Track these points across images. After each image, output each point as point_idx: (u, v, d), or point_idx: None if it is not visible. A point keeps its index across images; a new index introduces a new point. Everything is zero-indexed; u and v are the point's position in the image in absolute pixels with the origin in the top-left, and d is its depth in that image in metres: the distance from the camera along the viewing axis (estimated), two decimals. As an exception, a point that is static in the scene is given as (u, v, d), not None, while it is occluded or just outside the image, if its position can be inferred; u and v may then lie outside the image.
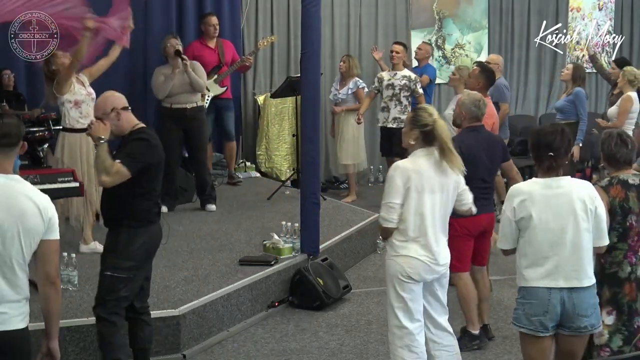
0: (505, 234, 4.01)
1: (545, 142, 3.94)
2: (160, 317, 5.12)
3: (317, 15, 6.28)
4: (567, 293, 3.86)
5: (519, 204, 3.91)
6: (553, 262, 3.87)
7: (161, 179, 4.59)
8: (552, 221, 3.87)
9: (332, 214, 7.89)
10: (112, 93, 4.63)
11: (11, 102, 8.30)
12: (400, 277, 4.30)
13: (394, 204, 4.29)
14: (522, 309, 3.93)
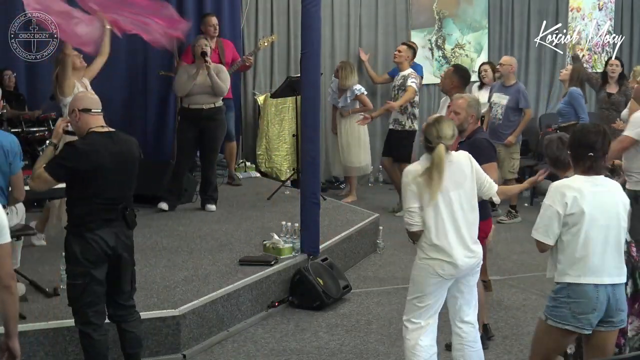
0: (551, 228, 3.95)
1: (587, 143, 3.97)
2: (160, 317, 5.12)
3: (317, 15, 6.28)
4: (611, 289, 3.92)
5: (571, 200, 3.90)
6: (599, 259, 3.91)
7: (110, 187, 4.39)
8: (601, 218, 3.92)
9: (332, 214, 7.89)
10: (81, 94, 4.65)
11: (11, 102, 8.31)
12: (429, 277, 4.36)
13: (413, 208, 4.35)
14: (568, 308, 3.93)
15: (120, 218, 4.44)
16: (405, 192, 4.39)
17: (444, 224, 4.34)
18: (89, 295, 4.39)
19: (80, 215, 4.39)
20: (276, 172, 9.91)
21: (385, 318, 5.97)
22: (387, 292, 6.57)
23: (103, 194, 4.38)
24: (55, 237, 6.74)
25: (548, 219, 3.96)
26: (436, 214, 4.33)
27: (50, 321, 4.93)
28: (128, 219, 4.47)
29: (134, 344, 4.62)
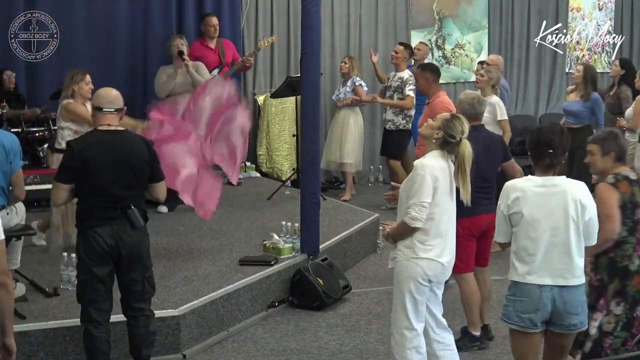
0: (500, 227, 4.06)
1: (545, 141, 3.97)
2: (160, 317, 5.11)
3: (317, 15, 6.28)
4: (557, 291, 3.90)
5: (512, 200, 3.95)
6: (542, 260, 3.90)
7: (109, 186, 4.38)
8: (544, 220, 3.90)
9: (332, 214, 7.89)
10: (101, 91, 4.64)
11: (11, 102, 8.31)
12: (419, 279, 4.29)
13: (426, 202, 4.23)
14: (513, 306, 3.96)
15: (122, 217, 4.41)
16: (420, 185, 4.23)
17: (447, 226, 4.32)
18: (90, 292, 4.42)
19: (82, 213, 4.46)
20: (277, 172, 9.92)
21: (385, 318, 5.96)
22: (387, 292, 6.55)
23: (101, 191, 4.38)
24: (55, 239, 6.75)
25: (497, 219, 4.06)
26: (442, 214, 4.29)
27: (50, 321, 4.93)
28: (131, 217, 4.42)
29: (137, 346, 4.61)
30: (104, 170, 4.38)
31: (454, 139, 4.29)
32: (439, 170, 4.27)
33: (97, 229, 4.38)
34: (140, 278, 4.53)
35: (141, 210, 4.51)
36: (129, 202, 4.43)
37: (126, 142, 4.50)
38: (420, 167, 4.29)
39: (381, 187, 10.49)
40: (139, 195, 4.55)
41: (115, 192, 4.40)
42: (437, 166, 4.28)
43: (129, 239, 4.43)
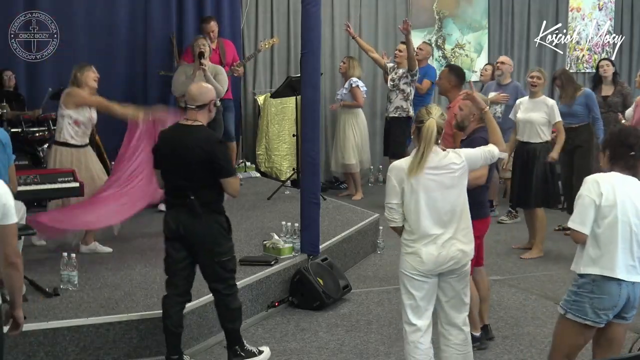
0: (587, 217, 3.93)
1: (628, 143, 3.99)
2: (160, 317, 5.11)
3: (317, 15, 6.28)
4: (631, 286, 3.94)
5: (606, 191, 3.92)
6: (626, 255, 3.91)
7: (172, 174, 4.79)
8: (631, 215, 3.92)
9: (332, 214, 7.89)
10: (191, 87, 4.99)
11: (11, 102, 8.31)
12: (409, 273, 4.36)
13: (392, 204, 4.36)
14: (590, 303, 3.93)
15: (183, 204, 4.73)
16: (387, 187, 4.38)
17: (426, 222, 4.30)
18: (165, 264, 4.91)
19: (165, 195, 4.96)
20: (276, 172, 9.93)
21: (385, 318, 5.97)
22: (387, 292, 6.57)
23: (167, 179, 4.85)
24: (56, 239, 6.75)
25: (584, 208, 3.95)
26: (417, 212, 4.29)
27: (50, 321, 4.93)
28: (190, 206, 4.72)
29: (221, 321, 4.99)
30: (166, 159, 4.82)
31: (422, 122, 4.32)
32: (405, 170, 4.29)
33: (168, 212, 4.87)
34: (208, 262, 4.84)
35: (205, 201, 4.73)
36: (190, 192, 4.70)
37: (189, 136, 4.76)
38: (389, 169, 4.40)
39: (381, 187, 10.47)
40: (203, 187, 4.74)
41: (177, 181, 4.77)
42: (405, 166, 4.30)
43: (189, 226, 4.75)
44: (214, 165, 4.71)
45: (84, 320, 4.97)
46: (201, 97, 4.83)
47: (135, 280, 5.82)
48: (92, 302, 5.33)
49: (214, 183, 4.76)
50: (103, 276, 5.88)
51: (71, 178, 5.98)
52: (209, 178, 4.74)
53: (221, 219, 4.85)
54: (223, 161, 4.76)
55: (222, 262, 4.84)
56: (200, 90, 4.87)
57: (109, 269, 6.05)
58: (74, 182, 5.95)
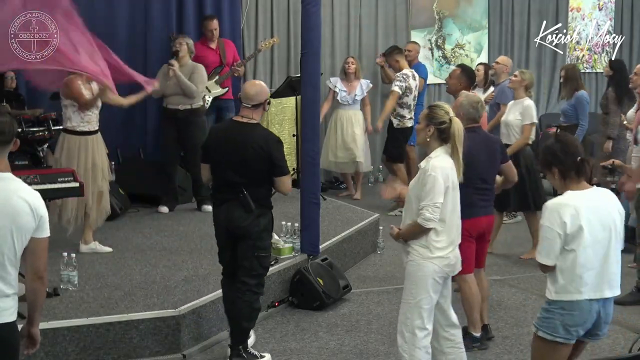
0: (552, 249, 3.81)
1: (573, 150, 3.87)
2: (160, 317, 5.12)
3: (317, 15, 6.29)
4: (602, 302, 3.89)
5: (569, 218, 3.77)
6: (599, 274, 3.85)
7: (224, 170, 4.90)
8: (600, 233, 3.83)
9: (332, 214, 7.89)
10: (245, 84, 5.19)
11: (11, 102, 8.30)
12: (437, 278, 4.35)
13: (439, 203, 4.31)
14: (561, 320, 3.86)
15: (235, 199, 4.86)
16: (433, 186, 4.29)
17: (456, 222, 4.41)
18: (219, 256, 5.13)
19: (213, 190, 5.12)
20: (276, 172, 9.92)
21: (385, 318, 5.96)
22: (387, 292, 6.57)
23: (218, 174, 4.96)
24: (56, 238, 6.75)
25: (548, 240, 3.83)
26: (454, 210, 4.38)
27: (50, 321, 4.93)
28: (242, 202, 4.85)
29: (237, 317, 5.01)
30: (218, 155, 4.92)
31: (445, 123, 4.37)
32: (449, 169, 4.35)
33: (217, 208, 4.98)
34: (249, 254, 4.93)
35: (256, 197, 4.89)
36: (242, 187, 4.83)
37: (244, 134, 4.88)
38: (432, 168, 4.34)
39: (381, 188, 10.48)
40: (255, 183, 4.90)
41: (229, 176, 4.88)
42: (447, 165, 4.35)
43: (239, 219, 4.88)
44: (271, 164, 4.88)
45: (84, 320, 4.98)
46: (257, 97, 4.94)
47: (135, 280, 5.82)
48: (92, 302, 5.33)
49: (267, 180, 4.95)
50: (103, 276, 5.88)
51: (71, 178, 5.97)
52: (264, 176, 4.91)
53: (269, 215, 5.04)
54: (279, 160, 4.95)
55: (261, 257, 4.98)
56: (256, 90, 4.97)
57: (109, 269, 6.06)
58: (74, 182, 5.94)
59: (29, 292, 3.45)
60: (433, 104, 4.59)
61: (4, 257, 3.30)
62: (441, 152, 4.40)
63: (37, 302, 3.47)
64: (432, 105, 4.59)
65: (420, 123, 4.50)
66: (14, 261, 3.35)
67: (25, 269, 3.43)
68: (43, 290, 3.50)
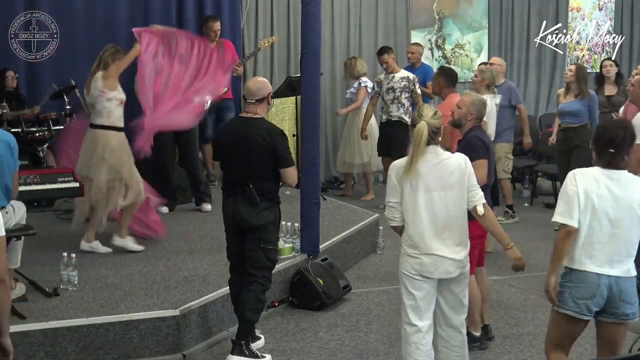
0: (573, 209, 3.93)
1: (608, 137, 3.99)
2: (160, 317, 5.12)
3: (317, 15, 6.29)
4: (614, 279, 3.94)
5: (586, 185, 3.93)
6: (606, 251, 3.93)
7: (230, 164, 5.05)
8: (611, 211, 3.92)
9: (332, 214, 7.89)
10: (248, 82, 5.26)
11: (11, 102, 8.31)
12: (408, 273, 4.37)
13: (392, 202, 4.39)
14: (569, 292, 3.98)
15: (241, 193, 4.98)
16: (387, 185, 4.42)
17: (422, 223, 4.32)
18: (227, 251, 5.22)
19: (222, 184, 5.22)
20: (276, 172, 9.93)
21: (385, 318, 5.97)
22: (387, 292, 6.57)
23: (227, 169, 5.13)
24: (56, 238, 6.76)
25: (568, 200, 3.96)
26: (414, 211, 4.32)
27: (50, 321, 4.93)
28: (247, 195, 4.96)
29: (243, 308, 5.04)
30: (227, 151, 5.07)
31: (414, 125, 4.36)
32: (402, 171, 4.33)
33: (226, 202, 5.10)
34: (255, 247, 5.03)
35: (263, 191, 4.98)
36: (248, 181, 4.95)
37: (248, 128, 4.99)
38: (390, 167, 4.45)
39: (381, 188, 10.46)
40: (261, 177, 4.98)
41: (236, 171, 5.01)
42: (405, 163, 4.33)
43: (245, 213, 4.98)
44: (274, 156, 4.96)
45: (84, 320, 4.98)
46: (259, 92, 5.07)
47: (135, 280, 5.82)
48: (92, 302, 5.33)
49: (273, 174, 5.02)
50: (103, 276, 5.88)
51: (71, 178, 5.97)
52: (269, 168, 4.99)
53: (276, 210, 5.10)
54: (283, 152, 5.01)
55: (267, 249, 5.06)
56: (258, 86, 5.12)
57: (109, 269, 6.05)
58: (74, 182, 5.94)
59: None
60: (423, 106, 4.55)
61: None
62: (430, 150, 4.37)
63: (2, 308, 3.19)
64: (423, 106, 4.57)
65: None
66: None
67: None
68: (6, 294, 3.21)
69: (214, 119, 8.87)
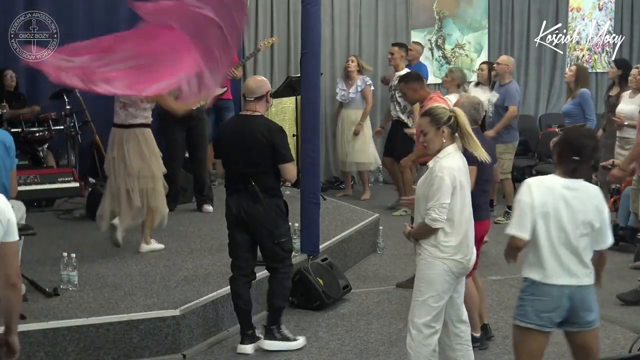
0: (525, 221, 3.90)
1: (578, 145, 3.94)
2: (160, 317, 5.12)
3: (317, 15, 6.29)
4: (576, 289, 3.91)
5: (540, 196, 3.89)
6: (565, 262, 3.89)
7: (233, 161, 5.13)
8: (567, 222, 3.88)
9: (332, 214, 7.89)
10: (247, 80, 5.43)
11: (11, 102, 8.31)
12: (446, 277, 4.37)
13: (446, 204, 4.31)
14: (531, 306, 3.93)
15: (245, 190, 5.07)
16: (440, 186, 4.30)
17: (467, 223, 4.39)
18: (229, 247, 5.30)
19: (225, 183, 5.35)
20: (276, 172, 9.93)
21: (385, 318, 5.97)
22: (387, 292, 6.57)
23: (229, 167, 5.20)
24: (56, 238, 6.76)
25: (521, 212, 3.92)
26: (462, 210, 4.36)
27: (50, 321, 4.93)
28: (251, 192, 5.05)
29: (271, 296, 5.30)
30: (228, 148, 5.17)
31: (451, 117, 4.37)
32: (456, 170, 4.34)
33: (229, 198, 5.19)
34: (268, 244, 5.19)
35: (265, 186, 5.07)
36: (251, 178, 5.05)
37: (249, 125, 5.10)
38: (439, 168, 4.34)
39: (381, 187, 10.49)
40: (262, 173, 5.09)
41: (239, 168, 5.11)
42: (455, 166, 4.35)
43: (250, 210, 5.09)
44: (274, 152, 5.06)
45: (84, 320, 4.98)
46: (258, 90, 5.19)
47: (135, 280, 5.82)
48: (92, 302, 5.33)
49: (273, 169, 5.12)
50: (103, 276, 5.88)
51: (71, 178, 5.98)
52: (269, 164, 5.09)
53: (280, 203, 5.22)
54: (282, 148, 5.12)
55: (281, 242, 5.21)
56: (257, 84, 5.24)
57: (109, 269, 6.06)
58: (73, 182, 5.95)
59: (2, 300, 3.30)
60: (427, 109, 4.56)
61: None
62: (451, 150, 4.39)
63: (12, 310, 3.33)
64: (427, 110, 4.54)
65: (428, 133, 4.41)
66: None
67: None
68: (16, 297, 3.34)
69: (213, 119, 8.85)
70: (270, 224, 5.14)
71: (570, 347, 4.07)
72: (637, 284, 6.47)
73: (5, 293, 3.27)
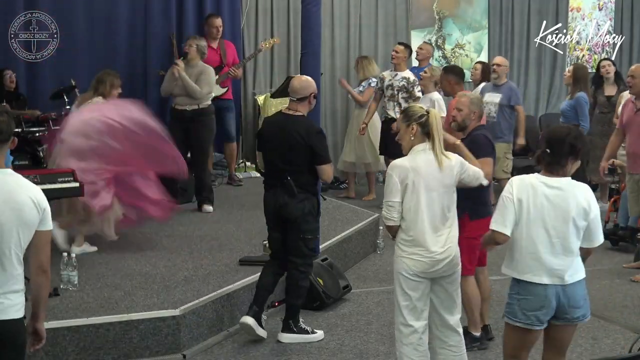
0: (508, 217, 3.92)
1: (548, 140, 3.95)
2: (160, 317, 5.12)
3: (317, 15, 6.29)
4: (561, 288, 3.91)
5: (522, 194, 3.89)
6: (549, 261, 3.89)
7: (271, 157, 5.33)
8: (548, 220, 3.88)
9: (332, 214, 7.89)
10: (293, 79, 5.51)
11: (11, 102, 8.30)
12: (405, 274, 4.36)
13: (392, 202, 4.35)
14: (518, 304, 3.95)
15: (281, 185, 5.24)
16: (387, 185, 4.37)
17: (423, 223, 4.32)
18: (268, 241, 5.58)
19: (264, 176, 5.59)
20: (276, 172, 9.92)
21: (385, 318, 5.96)
22: (387, 292, 6.55)
23: (268, 162, 5.39)
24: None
25: (504, 208, 3.94)
26: (416, 210, 4.31)
27: (50, 321, 4.92)
28: (286, 187, 5.22)
29: (286, 293, 5.49)
30: (268, 144, 5.35)
31: (424, 115, 4.36)
32: (409, 168, 4.31)
33: (266, 194, 5.40)
34: (295, 237, 5.33)
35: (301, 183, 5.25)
36: (288, 174, 5.21)
37: (290, 123, 5.24)
38: (390, 167, 4.42)
39: (381, 187, 10.43)
40: (300, 170, 5.25)
41: (277, 164, 5.29)
42: (408, 165, 4.32)
43: (284, 204, 5.27)
44: (312, 153, 5.21)
45: (84, 320, 4.98)
46: (302, 91, 5.30)
47: (135, 280, 5.82)
48: (92, 302, 5.33)
49: (308, 168, 5.28)
50: (103, 276, 5.88)
51: (71, 178, 5.96)
52: (305, 163, 5.25)
53: (314, 200, 5.38)
54: (320, 150, 5.26)
55: (306, 239, 5.36)
56: (302, 84, 5.34)
57: (109, 269, 6.05)
58: (73, 182, 5.94)
59: (33, 286, 3.44)
60: (404, 107, 4.62)
61: (11, 252, 3.29)
62: (420, 149, 4.36)
63: (41, 296, 3.48)
64: (404, 108, 4.63)
65: (401, 126, 4.45)
66: (20, 256, 3.34)
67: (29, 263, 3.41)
68: (47, 284, 3.48)
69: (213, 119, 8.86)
70: (300, 217, 5.28)
71: (544, 336, 4.06)
72: None
73: (37, 279, 3.42)
